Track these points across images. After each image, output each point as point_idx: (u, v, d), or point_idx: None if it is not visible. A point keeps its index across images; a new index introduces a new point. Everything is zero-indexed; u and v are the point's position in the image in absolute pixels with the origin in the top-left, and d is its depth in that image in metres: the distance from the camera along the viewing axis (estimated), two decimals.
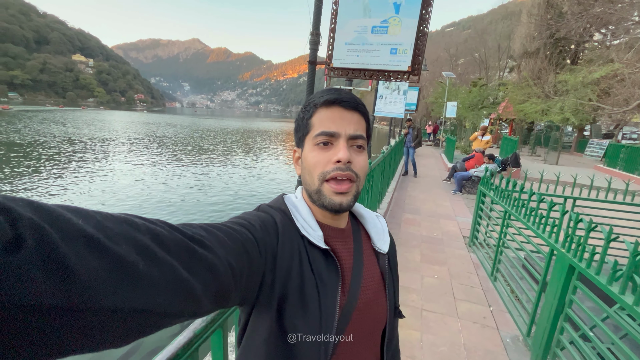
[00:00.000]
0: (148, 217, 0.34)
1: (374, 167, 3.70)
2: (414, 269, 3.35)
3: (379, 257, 0.67)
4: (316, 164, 0.56)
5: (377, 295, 0.63)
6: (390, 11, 2.12)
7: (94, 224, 0.27)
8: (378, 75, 2.27)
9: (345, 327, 0.57)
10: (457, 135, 20.16)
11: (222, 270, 0.39)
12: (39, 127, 28.63)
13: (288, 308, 0.52)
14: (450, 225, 4.84)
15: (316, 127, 0.57)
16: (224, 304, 0.42)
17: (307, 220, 0.58)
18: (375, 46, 2.20)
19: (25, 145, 17.27)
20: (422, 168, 10.14)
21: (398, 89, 6.29)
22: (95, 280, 0.25)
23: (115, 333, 0.27)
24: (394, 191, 6.53)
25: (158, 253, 0.31)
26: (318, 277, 0.55)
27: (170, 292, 0.31)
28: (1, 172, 10.87)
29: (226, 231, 0.44)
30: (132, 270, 0.28)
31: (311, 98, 0.61)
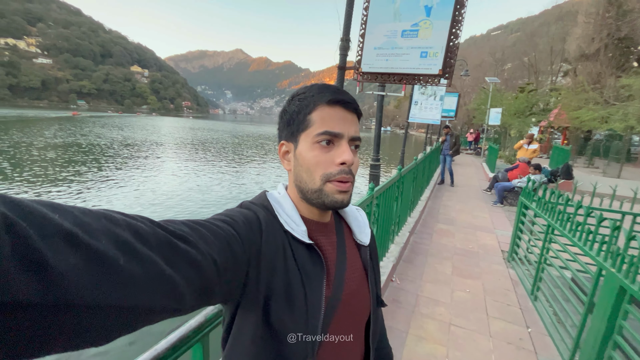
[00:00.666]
0: (128, 213, 0.34)
1: (404, 173, 3.61)
2: (444, 281, 3.19)
3: (360, 250, 0.68)
4: (318, 163, 0.56)
5: (360, 287, 0.64)
6: (421, 14, 2.08)
7: (71, 219, 0.26)
8: (408, 79, 2.23)
9: (331, 320, 0.57)
10: (501, 143, 18.96)
11: (205, 266, 0.39)
12: (101, 131, 31.86)
13: (274, 304, 0.52)
14: (487, 239, 4.55)
15: (317, 125, 0.56)
16: (208, 301, 0.42)
17: (290, 216, 0.58)
18: (405, 50, 2.17)
19: (88, 147, 19.33)
20: (460, 177, 9.67)
21: (434, 94, 6.09)
22: (74, 277, 0.24)
23: (95, 331, 0.27)
24: (428, 200, 6.29)
25: (139, 248, 0.31)
26: (303, 271, 0.55)
27: (152, 287, 0.31)
28: (66, 171, 12.25)
29: (209, 227, 0.44)
30: (112, 266, 0.27)
31: (306, 92, 0.59)
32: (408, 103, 7.24)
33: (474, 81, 36.38)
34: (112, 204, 8.58)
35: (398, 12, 2.15)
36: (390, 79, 2.28)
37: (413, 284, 3.09)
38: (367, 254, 0.68)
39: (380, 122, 4.54)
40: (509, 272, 3.49)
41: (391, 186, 3.06)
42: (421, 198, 6.02)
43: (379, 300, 0.71)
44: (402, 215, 3.99)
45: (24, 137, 22.02)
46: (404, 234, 3.99)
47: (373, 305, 0.67)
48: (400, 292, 2.92)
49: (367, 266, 0.67)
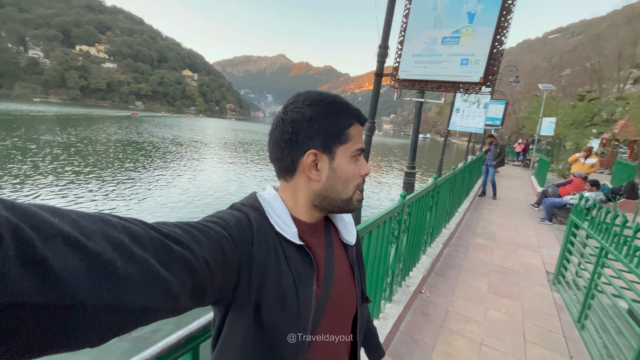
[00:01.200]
0: (122, 216, 0.35)
1: (440, 183, 3.49)
2: (478, 298, 3.02)
3: (347, 249, 0.71)
4: (354, 176, 0.61)
5: (347, 285, 0.67)
6: (463, 21, 2.03)
7: (69, 222, 0.27)
8: (446, 86, 2.18)
9: (321, 318, 0.60)
10: (554, 156, 17.44)
11: (198, 267, 0.40)
12: (154, 129, 34.66)
13: (266, 304, 0.54)
14: (531, 257, 4.22)
15: (354, 140, 0.61)
16: (201, 301, 0.43)
17: (281, 217, 0.59)
18: (445, 57, 2.13)
19: (143, 144, 21.14)
20: (504, 190, 9.07)
21: (478, 101, 5.79)
22: (74, 278, 0.25)
23: (92, 331, 0.28)
24: (466, 212, 6.00)
25: (135, 250, 0.32)
26: (295, 271, 0.57)
27: (147, 288, 0.32)
28: (122, 167, 13.50)
29: (201, 229, 0.45)
30: (110, 268, 0.28)
31: (341, 105, 0.61)
32: (449, 110, 6.98)
33: (525, 88, 33.95)
34: (159, 199, 9.28)
35: (439, 19, 2.12)
36: (428, 86, 2.25)
37: (444, 298, 2.97)
38: (354, 253, 0.72)
39: (418, 129, 4.45)
40: (553, 295, 3.21)
41: (425, 195, 2.98)
42: (458, 209, 5.75)
43: (364, 297, 0.75)
44: (436, 226, 3.86)
45: (90, 133, 24.69)
46: (437, 246, 3.85)
47: (359, 302, 0.71)
48: (429, 305, 2.82)
49: (353, 265, 0.70)
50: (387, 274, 2.37)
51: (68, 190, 9.10)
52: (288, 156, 0.59)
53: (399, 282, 2.72)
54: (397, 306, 2.47)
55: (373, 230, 1.84)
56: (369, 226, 1.75)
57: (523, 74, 36.69)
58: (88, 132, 24.91)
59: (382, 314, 2.33)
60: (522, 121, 25.10)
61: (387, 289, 2.43)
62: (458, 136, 64.84)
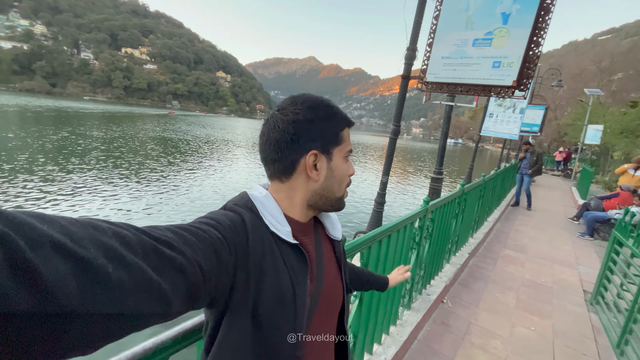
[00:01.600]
0: (113, 221, 0.35)
1: (467, 190, 3.36)
2: (503, 313, 2.87)
3: (334, 244, 0.74)
4: (345, 176, 0.66)
5: (335, 279, 0.71)
6: (497, 22, 1.95)
7: (59, 228, 0.27)
8: (476, 90, 2.10)
9: (315, 311, 0.63)
10: (600, 166, 16.14)
11: (191, 271, 0.39)
12: (188, 128, 36.38)
13: (264, 304, 0.54)
14: (567, 274, 3.94)
15: (346, 142, 0.66)
16: (194, 305, 0.43)
17: (275, 217, 0.59)
18: (476, 60, 2.05)
19: (176, 141, 22.25)
20: (540, 201, 8.53)
21: (514, 106, 5.48)
22: (64, 285, 0.25)
23: (83, 339, 0.27)
24: (496, 222, 5.71)
25: (126, 256, 0.31)
26: (291, 269, 0.58)
27: (140, 294, 0.31)
28: (158, 162, 14.28)
29: (194, 232, 0.45)
30: (101, 274, 0.28)
31: (335, 109, 0.64)
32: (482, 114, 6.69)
33: (569, 93, 31.74)
34: (191, 195, 9.72)
35: (471, 20, 2.05)
36: (456, 89, 2.18)
37: (467, 310, 2.85)
38: (340, 248, 0.75)
39: (447, 133, 4.32)
40: (590, 316, 2.97)
41: (450, 202, 2.88)
42: (488, 219, 5.49)
43: (347, 287, 0.78)
44: (462, 234, 3.71)
45: (130, 130, 26.38)
46: (462, 255, 3.70)
47: (345, 293, 0.74)
48: (451, 316, 2.72)
49: (340, 259, 0.74)
50: (407, 281, 2.32)
51: (111, 184, 9.78)
52: (288, 157, 0.60)
53: (419, 289, 2.65)
54: (415, 314, 2.41)
55: (392, 234, 1.81)
56: (388, 230, 1.72)
57: (567, 77, 34.26)
58: (130, 129, 26.66)
59: (399, 320, 2.28)
60: (564, 128, 23.51)
61: (406, 295, 2.38)
62: (492, 142, 61.77)
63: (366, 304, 1.74)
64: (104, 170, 11.23)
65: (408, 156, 32.19)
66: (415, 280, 2.44)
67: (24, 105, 42.92)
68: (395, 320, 2.22)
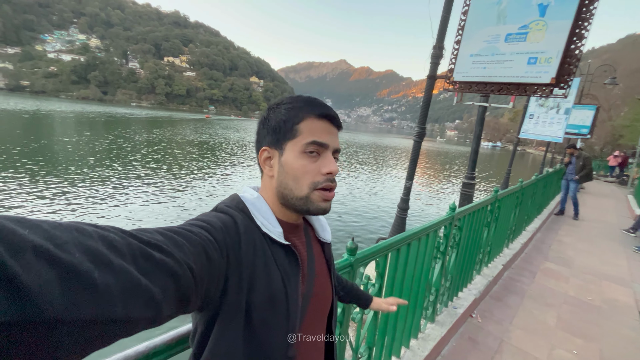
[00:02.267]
0: (100, 224, 0.34)
1: (501, 197, 3.12)
2: (541, 332, 2.61)
3: (323, 247, 0.74)
4: (306, 172, 0.59)
5: (325, 281, 0.71)
6: (533, 14, 1.78)
7: (41, 233, 0.26)
8: (509, 88, 1.94)
9: (306, 313, 0.63)
10: None
11: (182, 274, 0.38)
12: (223, 131, 37.92)
13: (257, 305, 0.53)
14: (619, 293, 3.52)
15: (305, 135, 0.59)
16: (185, 309, 0.42)
17: (266, 218, 0.60)
18: (508, 56, 1.89)
19: (213, 145, 23.28)
20: (589, 210, 7.78)
21: (557, 106, 5.03)
22: (48, 293, 0.24)
23: (70, 346, 0.26)
24: (537, 232, 5.28)
25: (113, 259, 0.30)
26: (283, 271, 0.58)
27: (128, 299, 0.30)
28: (194, 165, 15.01)
29: (184, 234, 0.44)
30: (87, 279, 0.27)
31: (292, 102, 0.61)
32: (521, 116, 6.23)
33: (626, 91, 28.90)
34: (222, 197, 10.07)
35: (503, 13, 1.90)
36: (487, 88, 2.03)
37: (499, 327, 2.63)
38: (330, 250, 0.75)
39: (480, 136, 4.08)
40: None
41: (481, 209, 2.69)
42: (527, 228, 5.09)
43: (335, 290, 0.78)
44: (495, 244, 3.46)
45: (170, 134, 28.03)
46: (495, 266, 3.45)
47: (334, 295, 0.74)
48: (480, 332, 2.53)
49: (329, 261, 0.74)
50: (430, 292, 2.19)
51: (152, 184, 10.43)
52: (257, 155, 0.65)
53: (445, 301, 2.49)
54: (440, 328, 2.26)
55: (413, 242, 1.72)
56: (408, 238, 1.63)
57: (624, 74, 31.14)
58: (170, 133, 28.37)
59: (421, 334, 2.16)
60: (619, 130, 21.36)
61: (430, 307, 2.25)
62: (535, 146, 57.53)
63: (383, 314, 1.66)
64: (149, 171, 12.01)
65: (442, 160, 30.98)
66: (440, 292, 2.29)
67: (80, 111, 47.38)
68: (416, 333, 2.10)
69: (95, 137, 20.09)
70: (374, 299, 1.04)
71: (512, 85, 1.92)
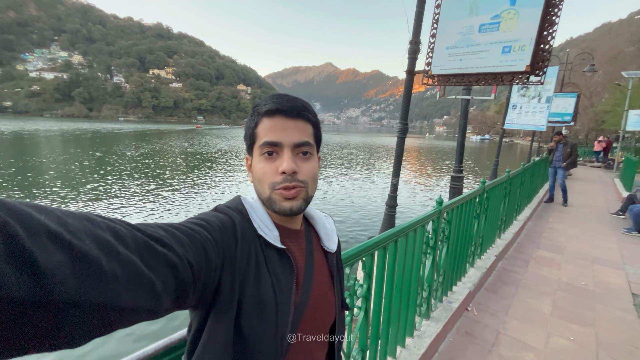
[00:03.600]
0: (106, 216, 0.35)
1: (489, 188, 3.13)
2: (537, 321, 2.60)
3: (327, 256, 0.70)
4: (264, 174, 0.58)
5: (327, 292, 0.67)
6: (504, 4, 1.79)
7: (55, 219, 0.27)
8: (486, 79, 1.94)
9: (299, 323, 0.59)
10: None
11: (182, 269, 0.39)
12: (212, 140, 37.65)
13: (245, 308, 0.53)
14: (611, 275, 3.55)
15: (260, 137, 0.58)
16: (183, 304, 0.42)
17: (263, 221, 0.59)
18: (483, 47, 1.89)
19: (204, 154, 23.07)
20: (577, 195, 7.90)
21: (539, 95, 5.10)
22: (60, 274, 0.25)
23: (74, 330, 0.27)
24: (528, 220, 5.33)
25: (120, 250, 0.32)
26: (274, 276, 0.56)
27: (131, 287, 0.31)
28: (185, 175, 14.84)
29: (185, 231, 0.45)
30: (96, 265, 0.28)
31: (256, 105, 0.61)
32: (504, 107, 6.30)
33: (606, 77, 29.60)
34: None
35: (475, 4, 1.90)
36: (464, 80, 2.02)
37: (494, 318, 2.62)
38: (334, 261, 0.71)
39: (464, 129, 4.11)
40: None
41: (469, 201, 2.69)
42: (518, 217, 5.13)
43: (343, 304, 0.74)
44: (487, 235, 3.46)
45: (160, 146, 27.70)
46: (488, 258, 3.45)
47: (338, 310, 0.70)
48: (476, 325, 2.51)
49: (333, 272, 0.70)
50: (423, 288, 2.16)
51: (148, 200, 10.25)
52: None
53: (439, 297, 2.47)
54: (435, 324, 2.23)
55: (400, 239, 1.69)
56: (394, 235, 1.60)
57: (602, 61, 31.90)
58: (160, 146, 28.01)
59: (416, 331, 2.12)
60: (601, 116, 21.86)
61: (423, 304, 2.22)
62: (522, 136, 58.43)
63: (375, 314, 1.62)
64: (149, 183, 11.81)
65: (432, 156, 31.24)
66: (433, 288, 2.27)
67: (65, 129, 46.54)
68: (411, 331, 2.06)
69: (81, 154, 19.70)
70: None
71: (489, 75, 1.92)
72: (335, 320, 0.70)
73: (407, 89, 2.32)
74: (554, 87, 5.29)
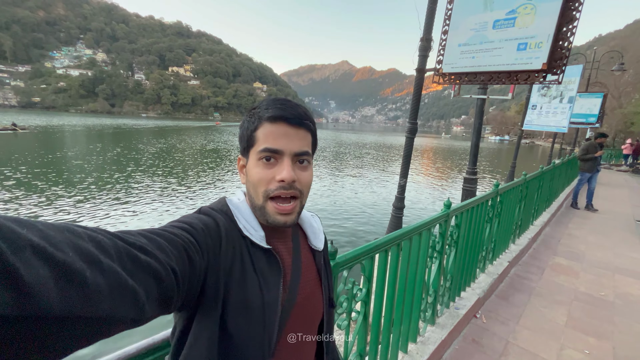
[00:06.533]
0: (87, 226, 0.34)
1: (503, 191, 3.01)
2: (550, 332, 2.49)
3: (315, 255, 0.70)
4: (260, 180, 0.57)
5: (314, 291, 0.67)
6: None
7: (37, 232, 0.27)
8: (499, 77, 1.85)
9: (286, 322, 0.60)
10: None
11: (165, 276, 0.39)
12: (228, 138, 38.23)
13: (232, 308, 0.53)
14: (634, 287, 3.35)
15: (260, 141, 0.57)
16: (166, 310, 0.42)
17: (249, 221, 0.59)
18: (497, 44, 1.80)
19: (223, 151, 23.47)
20: (601, 201, 7.52)
21: (561, 95, 4.86)
22: (45, 289, 0.25)
23: (56, 342, 0.27)
24: (545, 226, 5.12)
25: (102, 260, 0.31)
26: (261, 276, 0.56)
27: (115, 298, 0.31)
28: (206, 172, 15.12)
29: (167, 237, 0.45)
30: (80, 278, 0.28)
31: (257, 107, 0.60)
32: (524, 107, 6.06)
33: (637, 77, 28.14)
34: None
35: (490, 0, 1.82)
36: (476, 79, 1.94)
37: (504, 327, 2.52)
38: (322, 259, 0.71)
39: (479, 129, 3.97)
40: None
41: (480, 205, 2.59)
42: (534, 222, 4.93)
43: (331, 302, 0.74)
44: (499, 240, 3.34)
45: (178, 142, 28.34)
46: (501, 264, 3.33)
47: (326, 308, 0.70)
48: (485, 333, 2.42)
49: (321, 270, 0.70)
50: (428, 293, 2.10)
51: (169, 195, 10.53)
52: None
53: (445, 302, 2.39)
54: (440, 330, 2.17)
55: (404, 242, 1.64)
56: (398, 238, 1.56)
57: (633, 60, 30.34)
58: (180, 142, 28.67)
59: (420, 337, 2.07)
60: (631, 117, 20.78)
61: (428, 309, 2.15)
62: (544, 137, 56.28)
63: (375, 319, 1.58)
64: (162, 179, 12.14)
65: (449, 157, 30.55)
66: (439, 293, 2.20)
67: (90, 124, 48.41)
68: (415, 336, 2.01)
69: (105, 149, 20.42)
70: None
71: (503, 74, 1.83)
72: (323, 318, 0.70)
73: (417, 88, 2.25)
74: (577, 87, 5.03)
